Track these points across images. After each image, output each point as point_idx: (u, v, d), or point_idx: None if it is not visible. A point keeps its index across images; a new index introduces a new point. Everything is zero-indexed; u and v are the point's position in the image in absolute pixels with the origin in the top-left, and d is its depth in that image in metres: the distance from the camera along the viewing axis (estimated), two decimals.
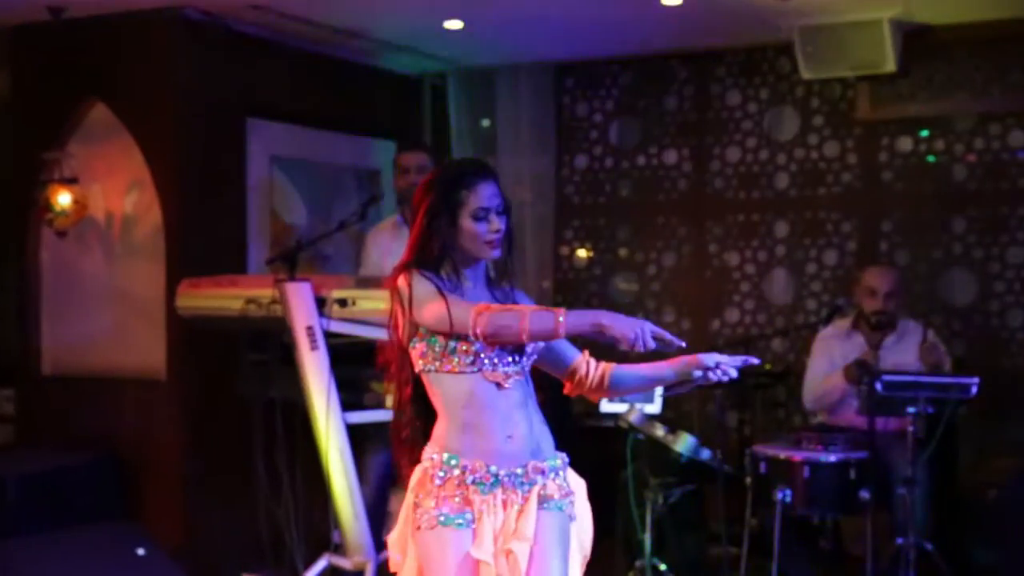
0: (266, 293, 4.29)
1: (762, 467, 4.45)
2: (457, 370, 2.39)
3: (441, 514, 2.38)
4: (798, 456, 4.36)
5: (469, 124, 6.68)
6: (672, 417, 6.29)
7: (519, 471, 2.42)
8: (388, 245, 4.94)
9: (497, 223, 2.44)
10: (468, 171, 2.47)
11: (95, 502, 4.87)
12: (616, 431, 4.88)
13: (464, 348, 2.37)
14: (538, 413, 2.51)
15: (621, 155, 6.68)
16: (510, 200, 2.54)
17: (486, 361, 2.39)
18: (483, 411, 2.40)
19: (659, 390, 6.06)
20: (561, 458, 2.53)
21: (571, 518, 2.51)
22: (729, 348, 5.80)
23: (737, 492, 4.63)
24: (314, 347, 4.20)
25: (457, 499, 2.38)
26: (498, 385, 2.41)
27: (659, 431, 4.68)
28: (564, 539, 2.47)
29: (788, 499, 4.29)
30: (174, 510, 5.04)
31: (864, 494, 4.25)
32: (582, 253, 6.91)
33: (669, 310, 6.63)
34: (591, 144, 6.75)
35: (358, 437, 4.45)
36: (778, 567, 4.32)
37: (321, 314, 4.24)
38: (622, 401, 6.11)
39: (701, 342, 6.44)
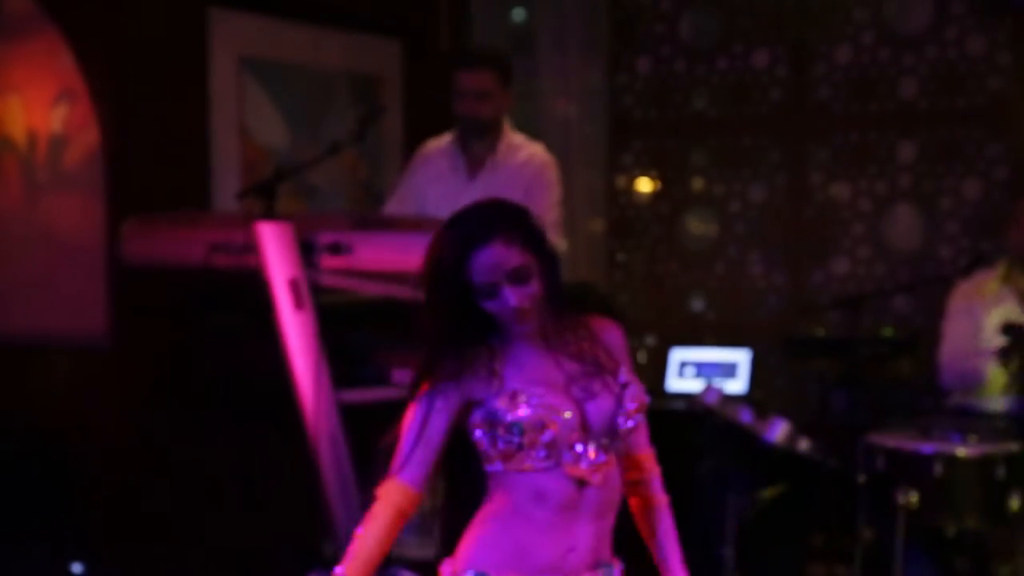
0: (237, 237, 4.30)
1: (880, 462, 4.44)
2: (530, 467, 2.40)
3: None
4: (928, 448, 4.35)
5: (498, 16, 6.64)
6: (761, 398, 6.28)
7: None
8: (438, 171, 4.90)
9: (512, 296, 2.38)
10: (458, 236, 2.41)
11: (17, 503, 4.93)
12: (689, 416, 4.89)
13: (530, 440, 2.36)
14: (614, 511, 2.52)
15: (696, 56, 6.63)
16: (536, 239, 2.43)
17: (565, 452, 2.39)
18: (553, 516, 2.40)
19: (744, 363, 6.07)
20: (616, 568, 2.55)
21: None
22: (837, 309, 5.79)
23: (847, 494, 4.62)
24: (299, 306, 4.22)
25: None
26: (582, 482, 2.41)
27: (744, 416, 4.68)
28: None
29: (914, 504, 4.29)
30: (120, 514, 5.10)
31: (1015, 499, 4.24)
32: (644, 185, 6.88)
33: (757, 259, 6.61)
34: (656, 42, 6.70)
35: (358, 422, 4.47)
36: None
37: (308, 264, 4.24)
38: (697, 376, 6.12)
39: (799, 301, 6.43)
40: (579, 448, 2.38)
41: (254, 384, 4.41)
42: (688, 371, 6.28)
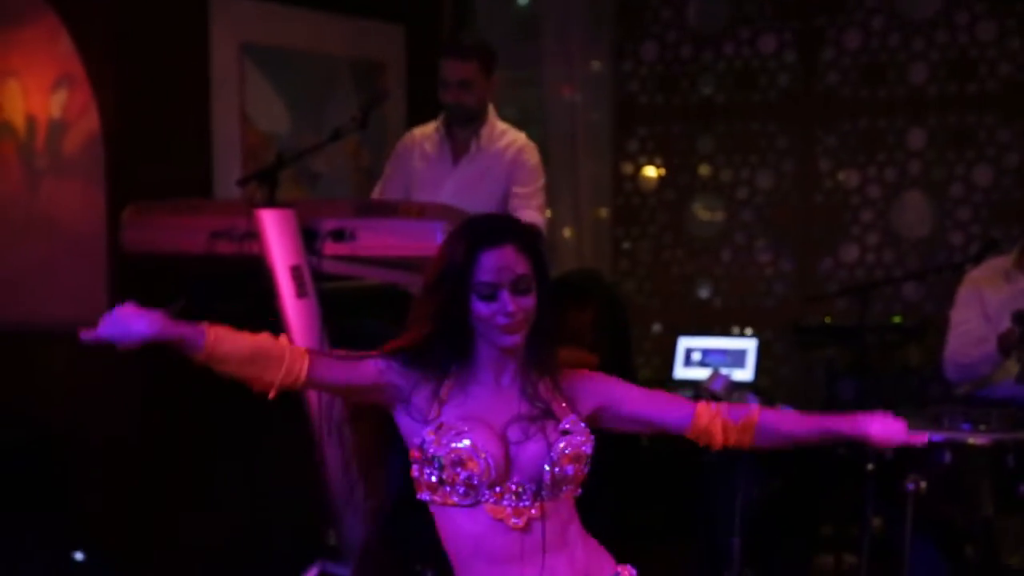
0: (238, 224, 4.30)
1: (889, 451, 4.44)
2: (454, 502, 2.40)
3: None
4: (937, 437, 4.34)
5: (501, 1, 6.64)
6: (768, 386, 6.30)
7: None
8: (425, 156, 4.96)
9: (510, 303, 2.39)
10: (470, 234, 2.43)
11: (16, 490, 4.94)
12: None
13: (448, 476, 2.36)
14: (583, 538, 2.50)
15: (702, 42, 6.62)
16: (543, 266, 2.45)
17: (484, 492, 2.38)
18: (483, 557, 2.40)
19: (751, 351, 6.08)
20: (625, 573, 2.54)
21: None
22: (846, 296, 5.79)
23: (855, 483, 4.62)
24: (302, 293, 4.22)
25: None
26: (504, 523, 2.39)
27: (751, 403, 4.69)
28: None
29: (923, 493, 4.29)
30: (121, 502, 5.11)
31: None
32: (650, 171, 6.87)
33: (765, 246, 6.61)
34: (663, 27, 6.69)
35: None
36: None
37: (311, 251, 4.24)
38: (703, 365, 6.12)
39: (807, 289, 6.43)
40: (498, 489, 2.38)
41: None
42: (695, 359, 6.29)
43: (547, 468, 2.39)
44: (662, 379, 6.59)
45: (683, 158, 6.75)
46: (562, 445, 2.40)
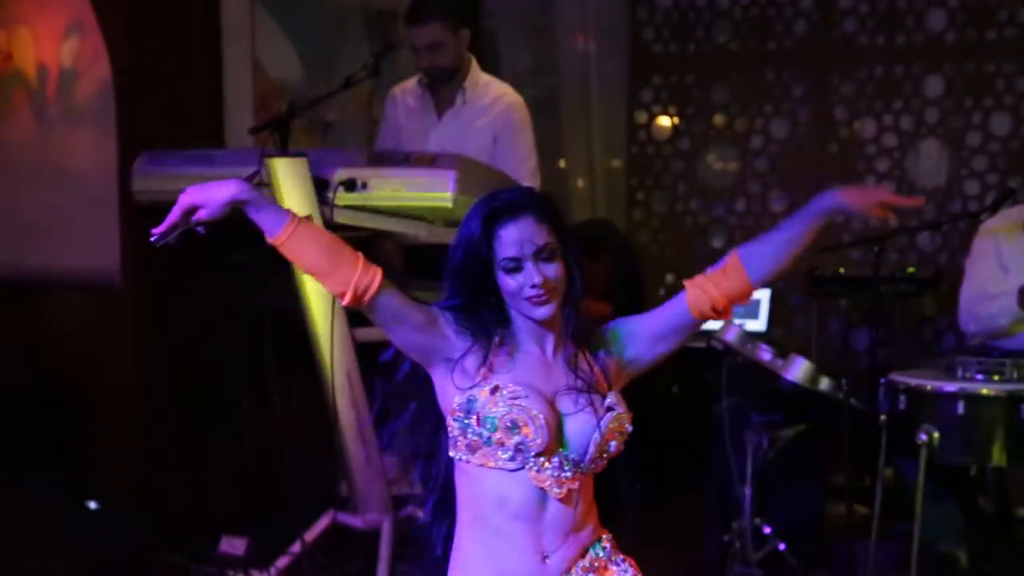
0: (250, 172, 4.30)
1: (901, 401, 4.44)
2: (494, 464, 2.40)
3: None
4: (950, 387, 4.34)
5: None
6: (782, 335, 6.31)
7: None
8: (409, 110, 4.96)
9: (536, 274, 2.39)
10: (488, 209, 2.42)
11: (31, 439, 4.98)
12: (707, 354, 4.89)
13: (499, 438, 2.37)
14: (591, 517, 2.51)
15: None
16: (567, 237, 2.44)
17: (531, 459, 2.39)
18: (515, 522, 2.41)
19: (765, 301, 6.08)
20: (605, 538, 2.55)
21: None
22: (860, 246, 5.78)
23: (867, 434, 4.64)
24: None
25: None
26: (543, 491, 2.41)
27: (763, 354, 4.69)
28: None
29: (936, 443, 4.29)
30: (133, 451, 5.14)
31: None
32: (664, 121, 6.85)
33: (779, 196, 6.59)
34: None
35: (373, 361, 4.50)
36: (922, 532, 4.34)
37: (323, 200, 4.25)
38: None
39: (821, 238, 6.40)
40: (543, 459, 2.38)
41: (269, 323, 4.42)
42: None
43: (595, 441, 2.40)
44: None
45: (697, 107, 6.73)
46: (610, 420, 2.41)
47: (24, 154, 5.43)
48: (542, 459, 2.38)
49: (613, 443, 2.43)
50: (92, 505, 4.63)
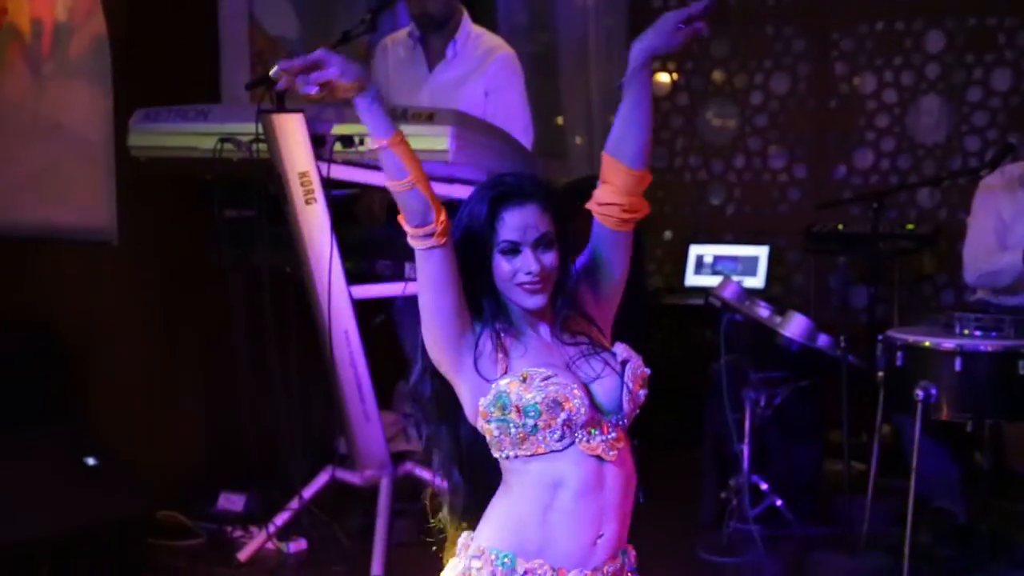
0: (246, 129, 4.30)
1: (899, 358, 4.46)
2: (544, 450, 2.39)
3: None
4: (948, 343, 4.36)
5: None
6: (780, 293, 6.32)
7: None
8: (399, 62, 4.94)
9: (534, 261, 2.38)
10: (495, 191, 2.41)
11: (28, 398, 4.99)
12: (705, 311, 4.91)
13: (545, 421, 2.35)
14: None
15: None
16: (567, 229, 2.42)
17: (579, 432, 2.38)
18: (577, 499, 2.40)
19: (763, 258, 6.09)
20: (632, 552, 2.55)
21: None
22: (859, 203, 5.79)
23: (865, 391, 4.66)
24: (310, 199, 4.23)
25: None
26: (599, 459, 2.40)
27: (762, 311, 4.71)
28: None
29: (933, 400, 4.31)
30: (132, 409, 5.16)
31: None
32: (663, 76, 6.84)
33: (779, 152, 6.59)
34: None
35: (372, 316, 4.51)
36: (918, 489, 4.36)
37: (319, 156, 4.24)
38: (714, 272, 6.13)
39: (820, 195, 6.42)
40: (591, 427, 2.38)
41: (267, 280, 4.43)
42: (706, 267, 6.30)
43: (627, 396, 2.41)
44: (673, 286, 6.61)
45: (697, 63, 6.71)
46: (629, 373, 2.42)
47: (18, 110, 5.41)
48: (589, 429, 2.38)
49: (642, 392, 2.45)
50: (90, 461, 4.65)
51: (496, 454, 2.42)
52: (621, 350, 2.46)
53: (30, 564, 4.28)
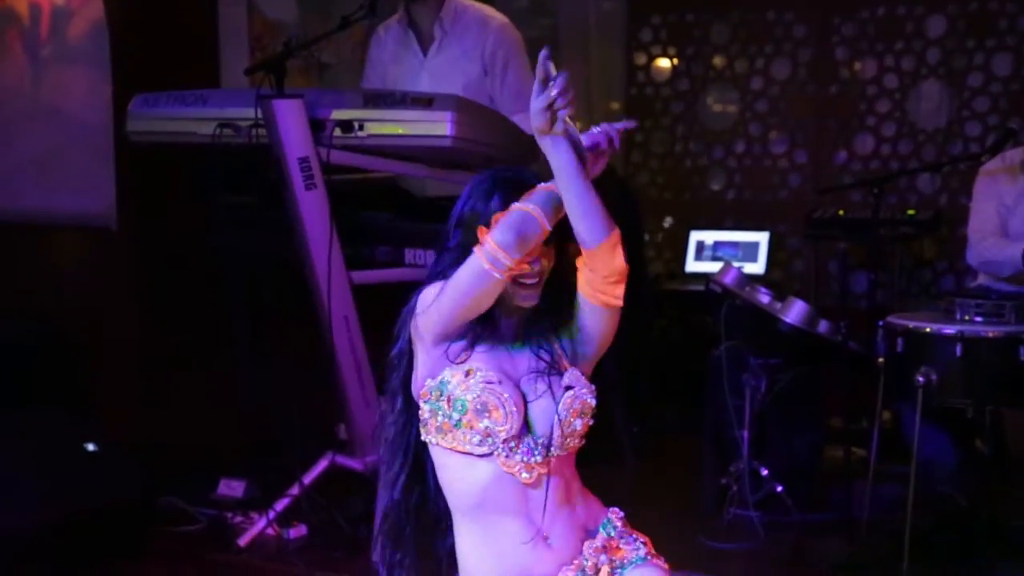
0: (246, 114, 4.29)
1: (899, 344, 4.46)
2: (463, 449, 2.40)
3: None
4: (948, 329, 4.35)
5: None
6: (780, 278, 6.33)
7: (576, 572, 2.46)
8: (393, 50, 4.92)
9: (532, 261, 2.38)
10: (498, 187, 2.41)
11: (28, 384, 5.00)
12: (705, 297, 4.90)
13: (468, 420, 2.37)
14: (582, 492, 2.52)
15: None
16: (561, 226, 2.39)
17: (500, 445, 2.38)
18: (500, 511, 2.42)
19: (763, 244, 6.09)
20: (614, 516, 2.55)
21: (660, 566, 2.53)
22: (859, 188, 5.78)
23: (865, 377, 4.66)
24: (310, 185, 4.22)
25: None
26: (514, 478, 2.41)
27: (762, 297, 4.70)
28: None
29: (934, 385, 4.31)
30: (131, 395, 5.17)
31: None
32: (664, 62, 6.83)
33: (779, 137, 6.59)
34: None
35: (371, 302, 4.51)
36: (919, 475, 4.37)
37: (319, 142, 4.24)
38: (714, 258, 6.13)
39: (820, 180, 6.42)
40: (512, 444, 2.39)
41: (265, 266, 4.43)
42: (707, 253, 6.30)
43: (556, 424, 2.40)
44: (673, 272, 6.62)
45: (697, 48, 6.70)
46: (568, 400, 2.41)
47: (16, 95, 5.41)
48: (511, 445, 2.38)
49: (578, 422, 2.43)
50: (90, 447, 4.66)
51: (423, 435, 2.45)
52: (570, 376, 2.44)
53: (30, 549, 4.30)
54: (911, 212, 5.94)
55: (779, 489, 4.73)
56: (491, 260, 2.27)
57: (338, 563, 4.32)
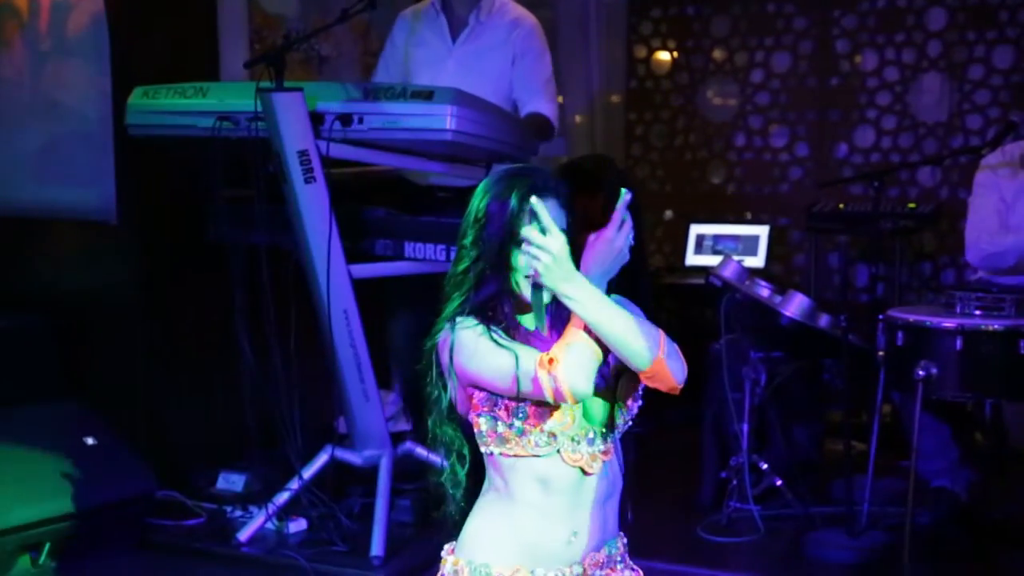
0: (245, 107, 4.29)
1: (900, 337, 4.46)
2: (526, 453, 2.39)
3: None
4: (949, 323, 4.36)
5: None
6: (780, 272, 6.33)
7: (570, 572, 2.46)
8: (421, 34, 4.91)
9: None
10: (526, 186, 2.39)
11: (28, 377, 5.00)
12: (705, 290, 4.90)
13: (531, 425, 2.36)
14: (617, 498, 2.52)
15: None
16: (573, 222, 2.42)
17: (564, 441, 2.39)
18: (552, 498, 2.42)
19: (763, 237, 6.09)
20: (621, 541, 2.55)
21: None
22: (860, 182, 5.79)
23: (865, 371, 4.66)
24: (309, 179, 4.22)
25: None
26: (582, 471, 2.41)
27: (762, 290, 4.71)
28: None
29: (934, 379, 4.32)
30: (131, 389, 5.16)
31: None
32: (664, 55, 6.82)
33: (779, 131, 6.58)
34: None
35: (370, 296, 4.51)
36: (919, 468, 4.38)
37: (319, 135, 4.24)
38: (714, 252, 6.14)
39: (821, 173, 6.42)
40: (577, 437, 2.39)
41: (266, 259, 4.42)
42: (707, 246, 6.30)
43: (619, 411, 2.42)
44: (673, 266, 6.62)
45: (697, 41, 6.69)
46: (622, 387, 2.42)
47: (16, 88, 5.41)
48: (574, 439, 2.39)
49: (634, 404, 2.45)
50: (90, 441, 4.66)
51: (482, 448, 2.43)
52: (615, 360, 2.42)
53: (30, 544, 4.30)
54: (912, 205, 5.95)
55: (779, 483, 4.74)
56: (556, 395, 2.29)
57: (338, 557, 4.33)
